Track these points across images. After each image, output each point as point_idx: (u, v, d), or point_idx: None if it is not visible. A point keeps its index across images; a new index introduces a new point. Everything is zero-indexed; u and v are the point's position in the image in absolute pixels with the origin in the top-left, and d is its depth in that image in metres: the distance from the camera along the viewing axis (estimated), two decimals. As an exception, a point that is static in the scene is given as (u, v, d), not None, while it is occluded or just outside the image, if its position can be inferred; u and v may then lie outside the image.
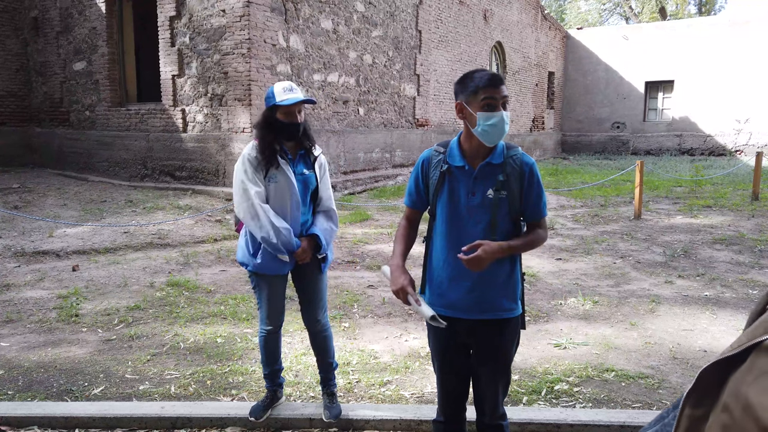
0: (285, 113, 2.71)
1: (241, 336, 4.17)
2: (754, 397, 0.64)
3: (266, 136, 2.75)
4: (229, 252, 6.69)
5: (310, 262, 2.86)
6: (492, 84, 2.03)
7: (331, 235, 2.89)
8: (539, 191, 2.14)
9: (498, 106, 2.03)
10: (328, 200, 2.93)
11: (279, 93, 2.70)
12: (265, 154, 2.73)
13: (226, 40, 9.44)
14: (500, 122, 2.03)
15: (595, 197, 11.43)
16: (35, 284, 5.45)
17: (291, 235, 2.74)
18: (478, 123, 2.03)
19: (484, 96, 2.02)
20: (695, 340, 4.11)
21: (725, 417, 0.68)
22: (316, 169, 2.88)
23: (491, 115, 2.02)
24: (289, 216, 2.77)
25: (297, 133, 2.77)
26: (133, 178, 10.93)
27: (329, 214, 2.92)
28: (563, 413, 2.95)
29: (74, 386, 3.38)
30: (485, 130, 2.04)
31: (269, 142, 2.73)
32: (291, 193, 2.75)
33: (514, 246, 2.08)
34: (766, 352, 0.67)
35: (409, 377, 3.51)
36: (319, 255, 2.84)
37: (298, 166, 2.83)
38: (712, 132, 21.20)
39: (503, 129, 2.05)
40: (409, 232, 2.31)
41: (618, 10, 38.97)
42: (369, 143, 12.47)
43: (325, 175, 2.94)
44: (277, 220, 2.71)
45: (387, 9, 12.77)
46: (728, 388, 0.70)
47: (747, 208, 9.69)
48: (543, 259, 6.55)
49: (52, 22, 12.10)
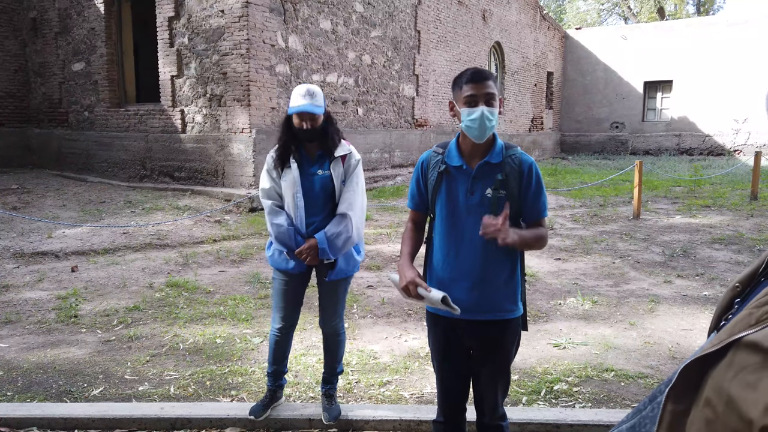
0: (300, 118, 2.74)
1: (240, 336, 4.17)
2: (735, 392, 0.66)
3: (281, 136, 2.86)
4: (229, 252, 6.69)
5: (320, 267, 2.86)
6: (473, 79, 2.04)
7: (339, 241, 2.76)
8: (539, 190, 2.12)
9: (479, 102, 2.02)
10: (345, 203, 2.80)
11: (294, 98, 2.74)
12: (278, 154, 2.84)
13: (224, 41, 9.44)
14: (480, 117, 2.01)
15: (594, 197, 11.44)
16: (34, 285, 5.44)
17: (287, 233, 2.76)
18: (462, 119, 2.06)
19: (466, 92, 2.04)
20: (694, 340, 4.11)
21: (708, 411, 0.70)
22: (332, 170, 2.81)
23: (472, 110, 2.02)
24: (295, 215, 2.80)
25: (315, 137, 2.78)
26: (132, 178, 10.92)
27: (343, 219, 2.78)
28: (563, 413, 2.96)
29: (73, 387, 3.37)
30: (467, 125, 2.05)
31: (284, 142, 2.84)
32: (294, 192, 2.78)
33: (525, 236, 2.02)
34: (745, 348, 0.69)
35: (408, 377, 3.51)
36: (325, 260, 2.79)
37: (313, 167, 2.83)
38: (711, 132, 21.23)
39: (485, 124, 2.02)
40: (415, 234, 2.31)
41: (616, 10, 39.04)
42: (368, 143, 12.47)
43: (352, 178, 2.84)
44: (275, 217, 2.79)
45: (386, 9, 12.77)
46: (709, 384, 0.71)
47: (746, 208, 9.70)
48: (542, 259, 6.55)
49: (50, 23, 12.09)
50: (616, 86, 22.87)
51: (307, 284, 3.00)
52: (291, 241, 2.77)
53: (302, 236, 2.80)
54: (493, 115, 2.04)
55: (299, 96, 2.71)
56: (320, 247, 2.74)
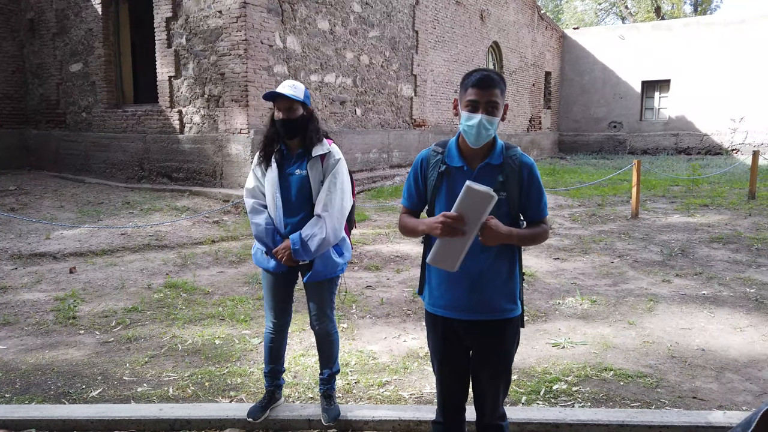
0: (278, 108, 2.76)
1: (239, 337, 4.16)
2: None
3: (266, 133, 2.87)
4: (227, 253, 6.68)
5: (301, 267, 2.85)
6: (479, 85, 2.00)
7: (312, 243, 2.69)
8: (539, 191, 2.13)
9: (479, 108, 1.99)
10: (319, 204, 2.74)
11: (279, 90, 2.74)
12: (262, 150, 2.87)
13: (222, 41, 9.43)
14: (478, 125, 2.00)
15: (593, 197, 11.45)
16: (32, 286, 5.43)
17: (266, 232, 2.79)
18: (461, 121, 2.05)
19: (469, 95, 2.02)
20: (693, 339, 4.12)
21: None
22: (309, 170, 2.77)
23: (471, 116, 2.01)
24: (275, 215, 2.82)
25: (287, 131, 2.75)
26: (130, 179, 10.90)
27: (317, 221, 2.72)
28: (562, 413, 2.96)
29: (72, 389, 3.37)
30: (464, 129, 2.05)
31: (267, 140, 2.84)
32: (273, 191, 2.80)
33: (520, 234, 2.05)
34: None
35: (407, 378, 3.51)
36: (300, 261, 2.77)
37: (292, 166, 2.82)
38: (709, 131, 21.26)
39: (480, 133, 2.01)
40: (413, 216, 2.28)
41: (614, 10, 39.08)
42: (366, 144, 12.46)
43: (330, 178, 2.76)
44: (254, 216, 2.85)
45: (384, 9, 12.77)
46: None
47: (744, 207, 9.72)
48: (541, 259, 6.55)
49: (48, 24, 12.06)
50: (614, 86, 22.90)
51: (295, 283, 2.99)
52: (269, 240, 2.79)
53: (281, 236, 2.81)
54: (491, 124, 2.02)
55: (285, 87, 2.74)
56: (293, 248, 2.71)
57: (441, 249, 1.96)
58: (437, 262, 1.99)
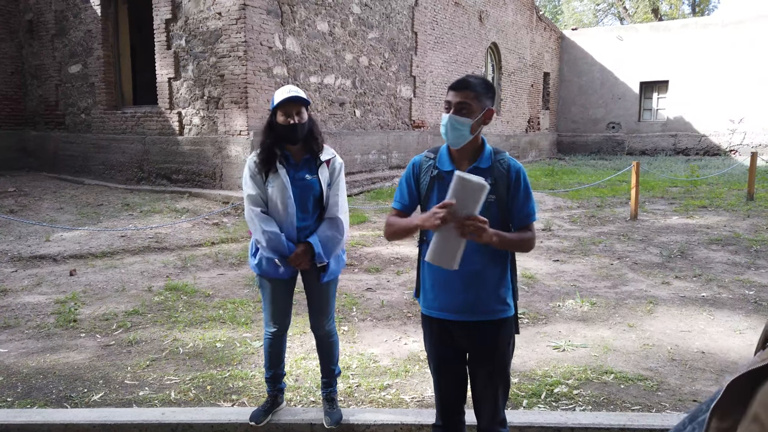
0: (282, 113, 2.72)
1: (240, 340, 4.17)
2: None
3: (265, 140, 2.81)
4: (227, 255, 6.68)
5: (310, 270, 2.85)
6: (452, 86, 2.11)
7: (332, 244, 2.80)
8: (527, 195, 2.15)
9: (450, 109, 2.09)
10: (334, 207, 2.82)
11: (278, 96, 2.73)
12: (262, 158, 2.79)
13: (222, 43, 9.43)
14: (446, 124, 2.10)
15: (592, 198, 11.47)
16: (32, 289, 5.43)
17: (280, 240, 2.73)
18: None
19: (446, 97, 2.13)
20: (693, 342, 4.13)
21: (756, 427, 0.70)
22: (320, 175, 2.81)
23: (443, 116, 2.12)
24: (285, 221, 2.77)
25: (295, 136, 2.74)
26: (130, 181, 10.90)
27: (334, 222, 2.81)
28: (563, 416, 2.97)
29: (73, 392, 3.37)
30: (441, 130, 2.15)
31: (268, 146, 2.78)
32: (285, 197, 2.75)
33: (505, 238, 2.05)
34: None
35: (409, 381, 3.52)
36: (318, 263, 2.80)
37: (300, 171, 2.81)
38: (707, 132, 21.31)
39: (449, 132, 2.09)
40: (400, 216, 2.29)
41: (612, 11, 39.14)
42: (365, 145, 12.47)
43: (337, 181, 2.85)
44: (266, 225, 2.74)
45: (383, 11, 12.78)
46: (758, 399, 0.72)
47: (742, 209, 9.74)
48: (540, 261, 6.57)
49: (47, 25, 12.06)
50: (612, 87, 22.94)
51: (295, 286, 3.00)
52: (284, 247, 2.75)
53: (293, 242, 2.79)
54: (461, 124, 2.06)
55: (282, 92, 2.73)
56: (316, 251, 2.74)
57: (438, 246, 1.98)
58: (436, 260, 2.01)
